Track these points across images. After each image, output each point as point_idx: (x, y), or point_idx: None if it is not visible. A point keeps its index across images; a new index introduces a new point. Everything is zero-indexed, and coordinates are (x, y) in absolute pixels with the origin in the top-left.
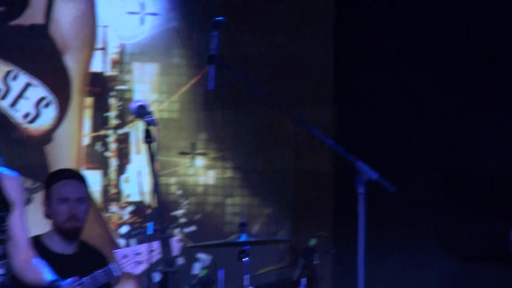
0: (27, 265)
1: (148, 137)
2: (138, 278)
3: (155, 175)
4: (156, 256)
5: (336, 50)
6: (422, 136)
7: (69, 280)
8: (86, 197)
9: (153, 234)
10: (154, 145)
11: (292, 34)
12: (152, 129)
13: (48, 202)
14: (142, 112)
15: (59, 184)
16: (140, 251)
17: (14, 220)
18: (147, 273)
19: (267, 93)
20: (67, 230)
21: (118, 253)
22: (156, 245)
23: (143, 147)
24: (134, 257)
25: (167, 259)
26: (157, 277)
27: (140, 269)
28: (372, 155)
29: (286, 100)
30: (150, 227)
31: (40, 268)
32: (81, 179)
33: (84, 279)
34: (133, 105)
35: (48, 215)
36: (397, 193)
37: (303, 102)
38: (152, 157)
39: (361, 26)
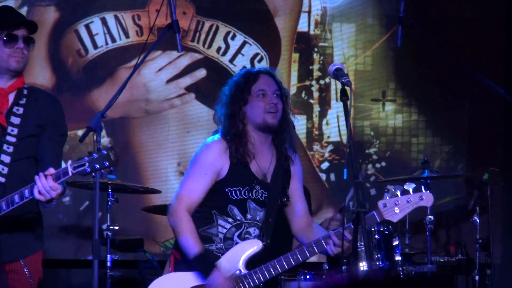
0: (307, 229)
1: (344, 96)
2: None
3: (350, 128)
4: (412, 207)
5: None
6: None
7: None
8: None
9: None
10: (348, 102)
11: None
12: (347, 88)
13: None
14: (338, 74)
15: None
16: (398, 202)
17: (294, 193)
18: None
19: (448, 50)
20: None
21: (380, 202)
22: (414, 197)
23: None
24: (393, 207)
25: (359, 200)
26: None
27: (397, 218)
28: None
29: (462, 56)
30: (345, 172)
31: (320, 230)
32: None
33: (351, 223)
34: (331, 68)
35: None
36: None
37: (477, 57)
38: (347, 113)
39: None
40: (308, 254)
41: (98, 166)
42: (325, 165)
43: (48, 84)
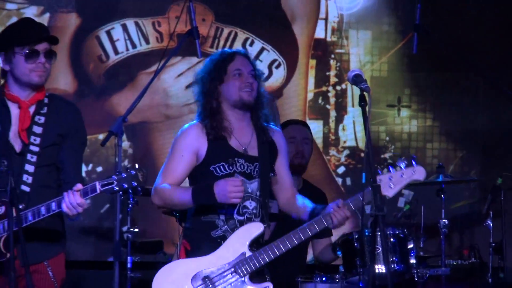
0: (292, 200)
1: (362, 101)
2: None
3: (368, 133)
4: (406, 181)
5: None
6: None
7: (334, 203)
8: (310, 139)
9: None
10: (367, 107)
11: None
12: (366, 94)
13: None
14: (357, 80)
15: (288, 128)
16: (392, 177)
17: (281, 166)
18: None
19: (464, 58)
20: (295, 166)
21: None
22: (406, 172)
23: (358, 100)
24: (388, 182)
25: (377, 204)
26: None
27: (393, 192)
28: None
29: (476, 61)
30: (363, 176)
31: (302, 200)
32: (305, 125)
33: (349, 200)
34: (350, 74)
35: None
36: None
37: (491, 62)
38: (366, 118)
39: None
40: (309, 232)
41: (126, 186)
42: (341, 169)
43: (69, 89)
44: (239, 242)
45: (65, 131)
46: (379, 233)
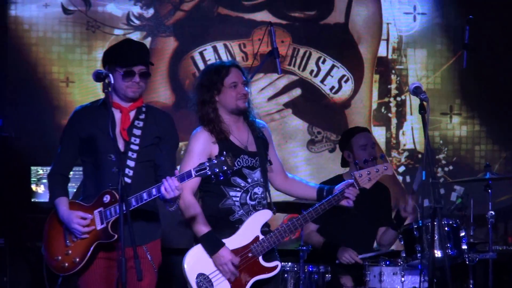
0: (287, 180)
1: (422, 109)
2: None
3: (427, 137)
4: (380, 175)
5: None
6: None
7: (344, 183)
8: (375, 143)
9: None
10: (426, 115)
11: None
12: (425, 103)
13: (350, 149)
14: (417, 91)
15: (357, 136)
16: (370, 172)
17: (272, 156)
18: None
19: (507, 71)
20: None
21: (356, 173)
22: (380, 167)
23: (415, 109)
24: (366, 176)
25: (436, 197)
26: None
27: (370, 184)
28: None
29: None
30: (423, 173)
31: (299, 178)
32: (368, 131)
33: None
34: (411, 86)
35: (348, 160)
36: None
37: None
38: (425, 124)
39: None
40: (320, 211)
41: (217, 170)
42: (401, 168)
43: (168, 101)
44: (252, 227)
45: (161, 134)
46: (436, 223)
